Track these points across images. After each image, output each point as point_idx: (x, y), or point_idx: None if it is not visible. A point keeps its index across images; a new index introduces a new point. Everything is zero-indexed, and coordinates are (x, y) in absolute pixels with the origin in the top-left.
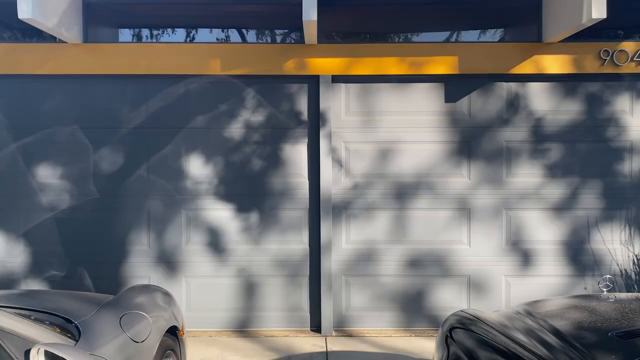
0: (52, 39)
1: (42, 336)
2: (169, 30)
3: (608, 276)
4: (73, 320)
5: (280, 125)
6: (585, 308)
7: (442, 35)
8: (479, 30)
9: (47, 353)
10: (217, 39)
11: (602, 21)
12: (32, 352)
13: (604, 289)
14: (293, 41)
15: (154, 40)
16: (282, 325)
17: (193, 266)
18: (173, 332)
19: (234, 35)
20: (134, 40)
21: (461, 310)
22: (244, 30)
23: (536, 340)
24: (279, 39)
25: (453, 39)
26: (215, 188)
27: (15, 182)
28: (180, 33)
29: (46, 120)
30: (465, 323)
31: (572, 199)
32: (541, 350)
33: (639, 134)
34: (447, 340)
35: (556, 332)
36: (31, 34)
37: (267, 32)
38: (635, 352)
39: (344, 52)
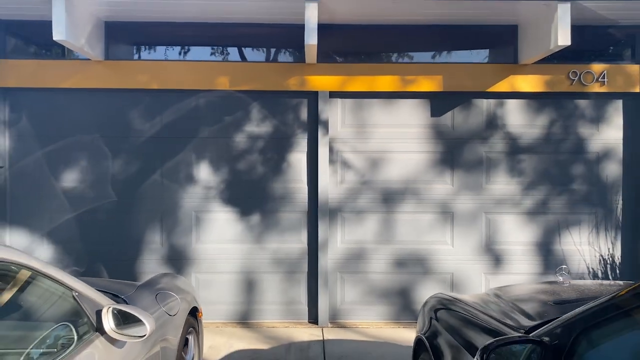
0: (69, 53)
1: (105, 301)
2: (182, 49)
3: (564, 266)
4: (120, 296)
5: (281, 135)
6: (541, 290)
7: (428, 56)
8: (461, 52)
9: (114, 311)
10: (225, 58)
11: (571, 46)
12: (104, 311)
13: (560, 277)
14: (294, 60)
15: (168, 58)
16: (282, 317)
17: (201, 263)
18: (193, 313)
19: (241, 54)
20: (151, 58)
21: (439, 293)
22: (250, 50)
23: (502, 314)
24: (282, 58)
25: (438, 60)
26: (222, 192)
27: (41, 186)
28: (192, 52)
29: (69, 130)
30: (445, 302)
31: (544, 205)
32: (506, 321)
33: (603, 146)
34: (429, 315)
35: (516, 306)
36: (56, 50)
37: (271, 51)
38: (561, 311)
39: (341, 70)
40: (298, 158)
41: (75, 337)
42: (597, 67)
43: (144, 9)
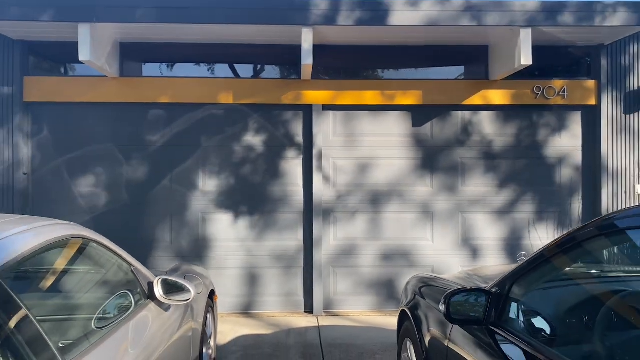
0: (87, 70)
1: (152, 276)
2: (190, 66)
3: (523, 252)
4: (156, 277)
5: (279, 144)
6: (504, 269)
7: (410, 73)
8: (439, 69)
9: (163, 282)
10: (228, 75)
11: (535, 63)
12: (155, 281)
13: (520, 261)
14: (291, 76)
15: (177, 75)
16: (281, 308)
17: (207, 259)
18: (210, 296)
19: (243, 71)
20: (161, 75)
21: (420, 273)
22: (251, 67)
23: (471, 284)
24: (279, 75)
25: (418, 77)
26: (225, 195)
27: (60, 191)
28: (198, 69)
29: (86, 140)
30: (424, 279)
31: (514, 204)
32: (472, 286)
33: (565, 152)
34: (412, 290)
35: (482, 279)
36: (74, 67)
37: (270, 69)
38: (512, 276)
39: (332, 86)
40: (294, 164)
41: (133, 303)
42: (558, 83)
43: (155, 32)
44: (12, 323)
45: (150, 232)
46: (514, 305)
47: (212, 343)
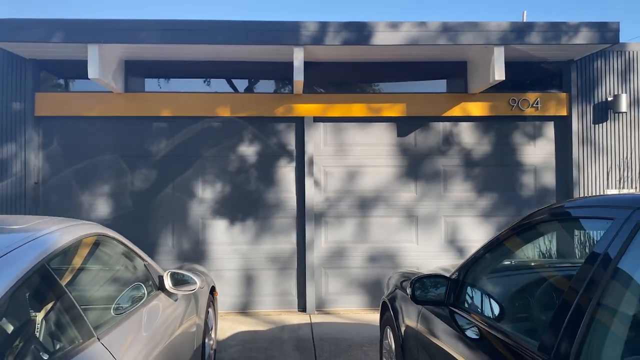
0: (93, 86)
1: (160, 269)
2: (189, 81)
3: None
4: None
5: (273, 154)
6: None
7: (394, 87)
8: (421, 83)
9: (172, 275)
10: (226, 90)
11: (511, 78)
12: (165, 274)
13: None
14: (284, 90)
15: (177, 90)
16: (276, 307)
17: (206, 262)
18: (211, 292)
19: (239, 86)
20: (162, 90)
21: (401, 268)
22: (246, 83)
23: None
24: (273, 89)
25: (402, 90)
26: (224, 202)
27: (69, 198)
28: (197, 84)
29: (93, 151)
30: (404, 274)
31: (492, 208)
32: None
33: (539, 159)
34: (393, 283)
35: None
36: (82, 84)
37: (264, 84)
38: (467, 265)
39: (323, 100)
40: (287, 172)
41: (146, 293)
42: (532, 95)
43: (157, 51)
44: (57, 299)
45: (153, 236)
46: (469, 289)
47: (212, 335)
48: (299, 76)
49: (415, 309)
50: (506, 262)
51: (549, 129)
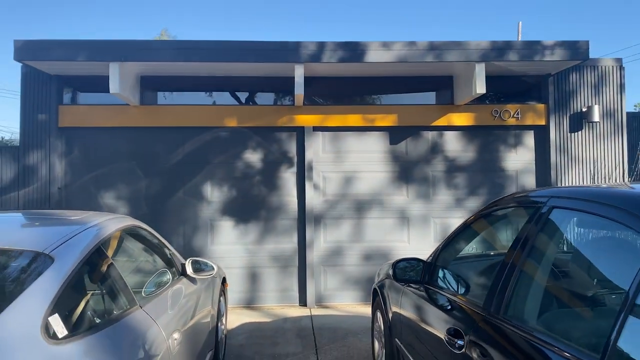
0: (107, 98)
1: (181, 258)
2: (199, 95)
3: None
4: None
5: (276, 160)
6: None
7: (387, 99)
8: (412, 96)
9: (193, 262)
10: (233, 102)
11: (493, 90)
12: (187, 262)
13: None
14: (286, 103)
15: (188, 102)
16: (278, 302)
17: (214, 260)
18: (222, 282)
19: (245, 99)
20: (174, 103)
21: (389, 261)
22: (252, 96)
23: None
24: (276, 102)
25: (394, 102)
26: (230, 205)
27: (89, 202)
28: (207, 97)
29: (111, 159)
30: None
31: (477, 210)
32: None
33: (520, 165)
34: (383, 273)
35: None
36: (100, 97)
37: (267, 97)
38: (438, 250)
39: (321, 111)
40: (289, 177)
41: (170, 278)
42: (512, 107)
43: (170, 68)
44: (110, 273)
45: (165, 236)
46: (440, 270)
47: (223, 320)
48: (299, 90)
49: (399, 291)
50: (467, 252)
51: (529, 138)
